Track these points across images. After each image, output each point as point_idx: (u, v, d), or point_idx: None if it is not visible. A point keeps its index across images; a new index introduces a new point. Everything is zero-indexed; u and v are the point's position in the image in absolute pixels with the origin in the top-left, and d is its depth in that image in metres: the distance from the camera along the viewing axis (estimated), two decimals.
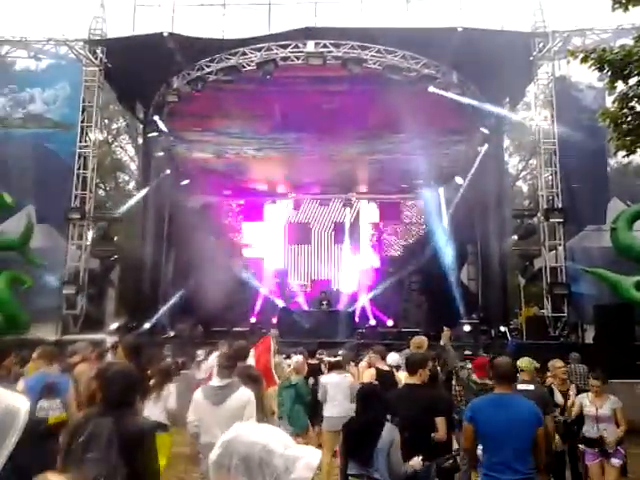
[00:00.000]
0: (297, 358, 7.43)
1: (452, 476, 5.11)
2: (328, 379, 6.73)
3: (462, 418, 4.82)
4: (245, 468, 1.28)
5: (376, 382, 6.30)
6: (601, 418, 5.70)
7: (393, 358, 7.44)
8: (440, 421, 4.63)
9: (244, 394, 4.40)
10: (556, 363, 6.98)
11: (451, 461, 5.19)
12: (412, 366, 4.96)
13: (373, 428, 3.94)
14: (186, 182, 18.98)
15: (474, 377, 6.47)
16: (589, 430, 5.79)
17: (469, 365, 7.63)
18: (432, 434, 4.56)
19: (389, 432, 3.94)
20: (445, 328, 7.04)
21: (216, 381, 4.45)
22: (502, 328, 14.59)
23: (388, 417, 4.22)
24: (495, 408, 3.83)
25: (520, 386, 4.99)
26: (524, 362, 5.55)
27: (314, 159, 18.48)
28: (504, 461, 3.69)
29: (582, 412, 5.94)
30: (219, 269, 17.80)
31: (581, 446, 5.90)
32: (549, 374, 6.99)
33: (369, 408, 4.08)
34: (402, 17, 14.91)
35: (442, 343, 7.76)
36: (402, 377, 6.82)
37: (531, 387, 5.14)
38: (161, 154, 17.30)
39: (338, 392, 6.60)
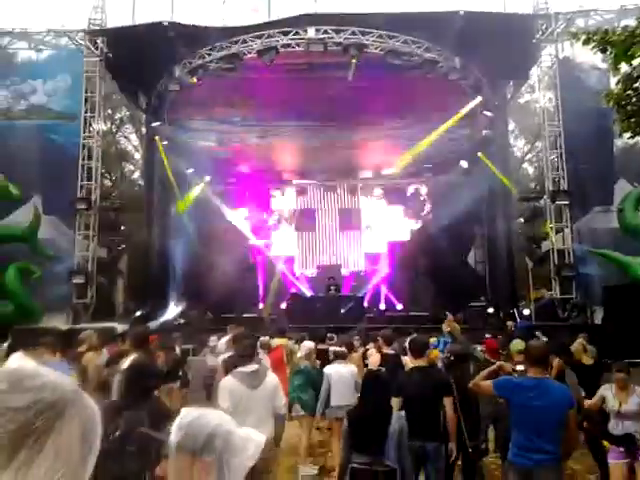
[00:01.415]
0: (308, 344, 7.46)
1: (477, 461, 5.19)
2: (331, 369, 6.75)
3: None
4: (211, 448, 1.31)
5: (380, 367, 6.37)
6: (626, 414, 5.12)
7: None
8: (448, 401, 4.74)
9: (274, 377, 4.57)
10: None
11: (483, 446, 5.26)
12: (419, 349, 5.10)
13: (382, 416, 3.96)
14: (190, 171, 18.95)
15: (487, 357, 6.52)
16: (614, 427, 5.22)
17: (479, 348, 7.70)
18: (441, 417, 4.64)
19: (397, 420, 3.97)
20: (448, 314, 7.10)
21: (245, 368, 4.47)
22: (511, 310, 14.66)
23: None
24: (531, 393, 3.84)
25: (518, 367, 5.13)
26: (516, 344, 5.70)
27: (318, 145, 18.44)
28: (538, 444, 3.75)
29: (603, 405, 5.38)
30: (226, 256, 17.89)
31: (606, 443, 5.38)
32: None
33: (374, 396, 4.09)
34: (404, 1, 14.84)
35: (444, 330, 7.84)
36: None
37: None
38: (165, 143, 17.28)
39: (340, 382, 6.64)
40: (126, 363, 4.88)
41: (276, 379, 4.56)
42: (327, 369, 6.79)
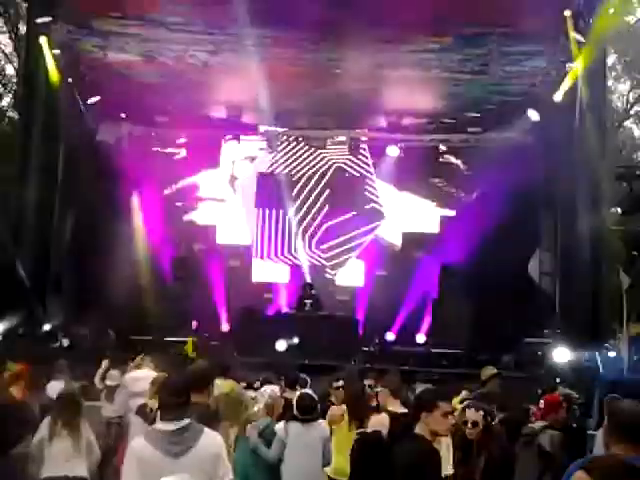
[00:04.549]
0: (270, 390, 7.48)
1: None
2: (288, 429, 6.95)
3: None
4: None
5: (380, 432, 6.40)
6: None
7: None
8: None
9: (214, 440, 4.58)
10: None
11: None
12: (414, 407, 5.18)
13: None
14: (96, 100, 18.78)
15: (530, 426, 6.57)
16: None
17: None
18: None
19: None
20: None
21: (165, 424, 4.48)
22: (587, 354, 14.72)
23: None
24: None
25: None
26: None
27: (303, 72, 18.27)
28: None
29: None
30: (144, 243, 17.68)
31: None
32: None
33: (374, 471, 4.09)
34: None
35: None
36: None
37: None
38: (57, 52, 16.99)
39: (300, 449, 6.83)
40: None
41: (218, 441, 4.60)
42: (280, 428, 6.99)
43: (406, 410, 7.18)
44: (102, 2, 17.08)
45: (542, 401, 7.57)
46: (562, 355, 14.91)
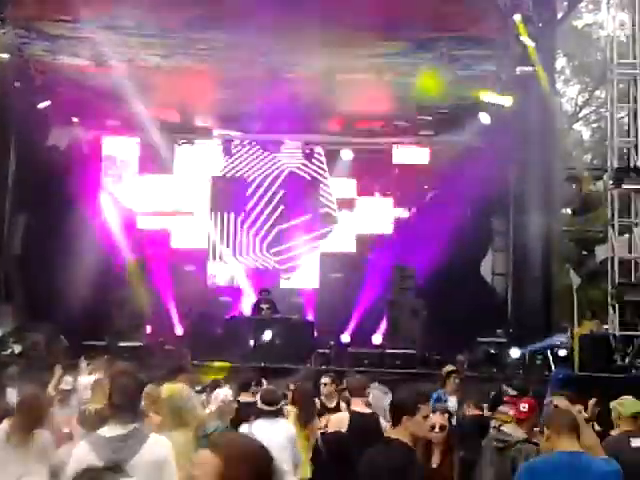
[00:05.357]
0: (223, 393, 7.38)
1: None
2: (253, 430, 6.68)
3: None
4: None
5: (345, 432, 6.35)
6: None
7: (377, 397, 7.46)
8: None
9: (160, 445, 4.48)
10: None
11: None
12: (395, 409, 4.95)
13: None
14: (46, 104, 18.53)
15: (507, 430, 6.51)
16: None
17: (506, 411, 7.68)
18: None
19: None
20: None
21: (111, 429, 4.40)
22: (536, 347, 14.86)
23: None
24: (563, 475, 3.93)
25: (635, 442, 5.44)
26: (628, 404, 5.88)
27: (257, 76, 18.19)
28: None
29: None
30: (96, 247, 17.49)
31: None
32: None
33: (338, 471, 4.06)
34: None
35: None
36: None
37: None
38: (5, 57, 16.76)
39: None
40: None
41: (164, 446, 4.50)
42: (244, 429, 6.77)
43: (369, 410, 7.14)
44: (52, 6, 16.82)
45: (525, 405, 7.31)
46: (515, 354, 15.07)
